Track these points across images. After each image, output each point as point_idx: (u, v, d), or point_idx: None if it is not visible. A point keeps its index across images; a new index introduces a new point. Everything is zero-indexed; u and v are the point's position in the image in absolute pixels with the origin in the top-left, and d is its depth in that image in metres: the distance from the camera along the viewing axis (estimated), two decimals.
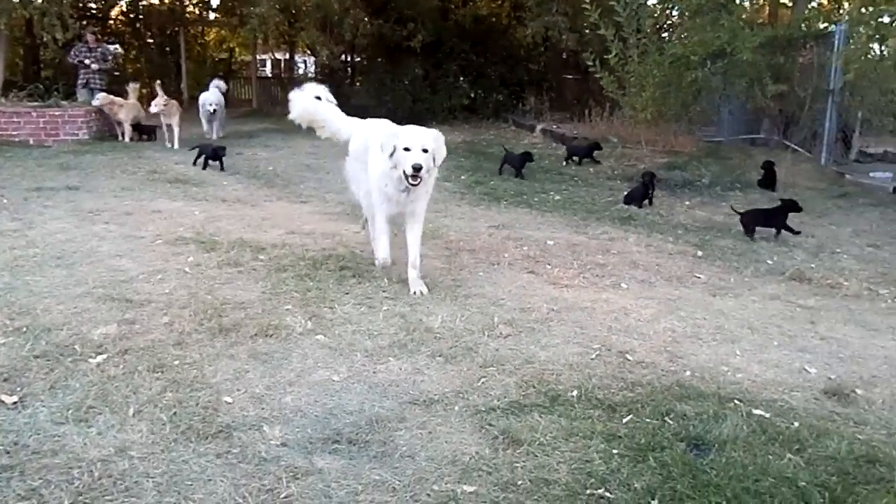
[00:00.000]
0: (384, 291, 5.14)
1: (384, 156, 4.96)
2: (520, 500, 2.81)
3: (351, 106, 20.02)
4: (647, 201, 9.35)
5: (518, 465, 3.04)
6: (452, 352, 4.15)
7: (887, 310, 5.60)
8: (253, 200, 8.47)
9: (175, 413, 3.32)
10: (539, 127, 16.61)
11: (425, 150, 4.89)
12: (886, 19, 9.25)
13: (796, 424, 3.50)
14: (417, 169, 4.79)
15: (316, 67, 22.98)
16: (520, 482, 2.92)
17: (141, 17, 23.16)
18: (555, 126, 16.48)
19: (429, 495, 2.82)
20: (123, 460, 2.93)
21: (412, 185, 4.92)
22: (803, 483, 2.97)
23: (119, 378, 3.63)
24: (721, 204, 9.74)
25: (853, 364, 4.38)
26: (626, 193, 9.56)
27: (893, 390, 4.03)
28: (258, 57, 25.74)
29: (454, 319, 4.60)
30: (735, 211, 8.09)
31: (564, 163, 12.57)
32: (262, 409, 3.43)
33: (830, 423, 3.57)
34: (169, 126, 12.79)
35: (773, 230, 7.79)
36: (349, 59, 21.29)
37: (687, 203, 9.77)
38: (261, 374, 3.79)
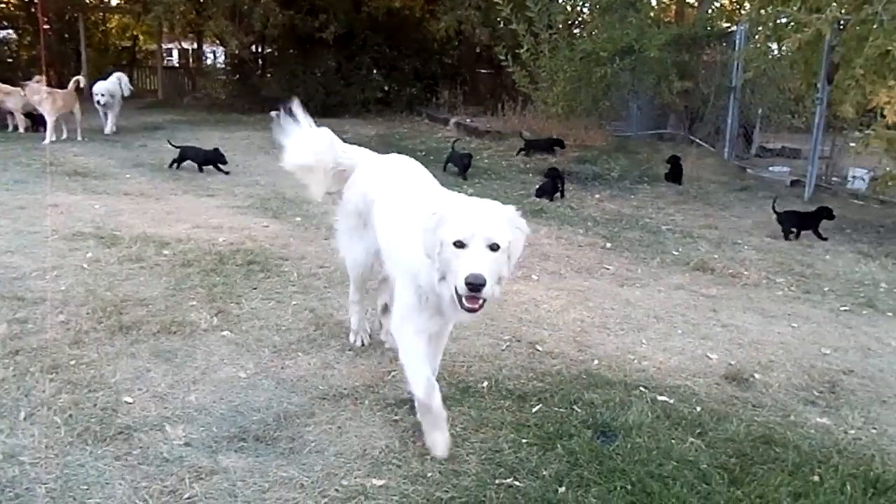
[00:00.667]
0: (293, 286, 5.05)
1: (426, 257, 2.92)
2: (430, 492, 2.81)
3: (261, 98, 19.67)
4: (558, 194, 9.49)
5: (428, 456, 3.04)
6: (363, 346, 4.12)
7: (783, 297, 5.84)
8: (157, 194, 8.19)
9: (70, 415, 3.18)
10: (453, 120, 16.65)
11: (494, 248, 2.75)
12: (784, 20, 9.63)
13: (698, 409, 3.61)
14: (477, 286, 2.65)
15: (225, 58, 22.38)
16: (430, 474, 2.92)
17: (35, 1, 22.03)
18: (468, 120, 16.55)
19: (338, 490, 2.79)
20: (13, 466, 2.79)
21: (469, 309, 2.74)
22: (704, 465, 3.07)
23: (9, 380, 3.45)
24: (629, 197, 9.98)
25: (752, 350, 4.56)
26: (537, 187, 9.67)
27: (789, 374, 4.21)
28: (164, 46, 24.90)
29: (364, 312, 4.55)
30: (774, 210, 8.24)
31: (518, 154, 12.69)
32: (165, 408, 3.33)
33: (730, 407, 3.70)
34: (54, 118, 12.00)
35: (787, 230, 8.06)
36: (259, 49, 20.79)
37: (597, 196, 9.96)
38: (163, 372, 3.66)
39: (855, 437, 3.50)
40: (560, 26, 13.11)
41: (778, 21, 9.84)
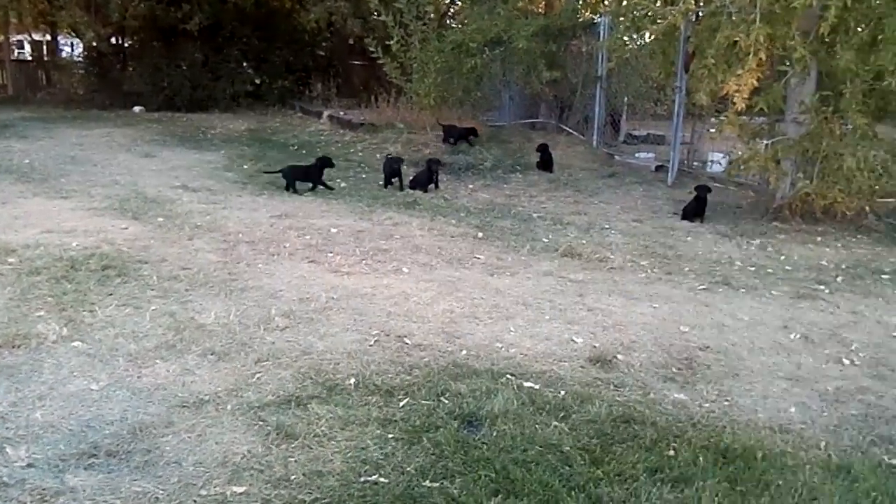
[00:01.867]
0: (152, 290, 4.82)
1: None
2: (293, 495, 2.74)
3: (123, 93, 18.63)
4: (432, 185, 9.51)
5: (292, 459, 2.97)
6: (226, 348, 3.98)
7: (646, 279, 6.07)
8: (3, 197, 7.61)
9: None
10: (326, 113, 16.39)
11: None
12: (642, 12, 9.98)
13: (563, 393, 3.69)
14: None
15: (83, 51, 21.15)
16: (293, 477, 2.85)
17: None
18: (342, 112, 16.35)
19: (195, 501, 2.69)
20: None
21: None
22: (567, 448, 3.13)
23: None
24: (502, 186, 10.13)
25: (616, 332, 4.70)
26: (411, 178, 9.67)
27: (650, 353, 4.37)
28: (13, 37, 23.29)
29: (228, 314, 4.41)
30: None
31: (443, 144, 12.62)
32: (6, 428, 3.10)
33: (593, 389, 3.80)
34: None
35: None
36: (120, 42, 19.78)
37: (470, 186, 10.05)
38: (5, 389, 3.42)
39: (709, 411, 3.66)
40: (431, 17, 13.13)
41: (637, 13, 10.20)
